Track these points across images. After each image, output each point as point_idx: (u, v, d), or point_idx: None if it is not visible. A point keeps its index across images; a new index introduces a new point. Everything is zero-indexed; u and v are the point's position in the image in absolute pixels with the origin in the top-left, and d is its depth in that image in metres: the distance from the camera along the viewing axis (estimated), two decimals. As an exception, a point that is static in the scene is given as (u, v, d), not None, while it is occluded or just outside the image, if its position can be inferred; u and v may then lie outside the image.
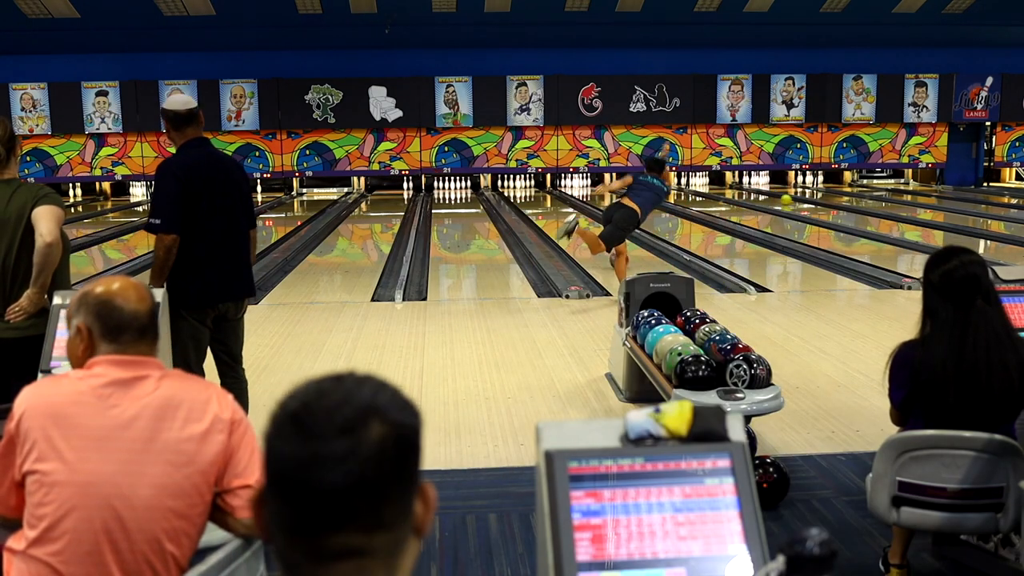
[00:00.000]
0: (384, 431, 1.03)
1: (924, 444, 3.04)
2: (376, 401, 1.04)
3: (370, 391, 1.06)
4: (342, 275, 10.75)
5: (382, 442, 1.02)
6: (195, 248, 4.21)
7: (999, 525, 3.00)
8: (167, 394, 2.13)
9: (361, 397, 1.04)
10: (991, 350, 3.02)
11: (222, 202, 4.31)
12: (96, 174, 20.45)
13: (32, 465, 2.05)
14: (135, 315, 2.17)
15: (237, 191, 4.42)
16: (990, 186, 22.13)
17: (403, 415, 1.06)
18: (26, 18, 18.88)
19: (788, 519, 3.92)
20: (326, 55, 20.06)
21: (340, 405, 1.03)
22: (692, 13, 19.95)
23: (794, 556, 1.25)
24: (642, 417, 1.72)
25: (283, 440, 1.04)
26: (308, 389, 1.07)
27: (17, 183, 3.93)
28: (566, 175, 22.20)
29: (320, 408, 1.03)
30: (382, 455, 1.02)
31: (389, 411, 1.04)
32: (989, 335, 3.04)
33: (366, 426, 1.02)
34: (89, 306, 2.18)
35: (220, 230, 4.30)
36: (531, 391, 5.80)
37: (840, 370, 6.10)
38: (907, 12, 20.30)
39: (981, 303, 3.04)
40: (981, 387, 3.03)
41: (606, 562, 1.61)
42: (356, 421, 1.02)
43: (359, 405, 1.03)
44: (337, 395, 1.04)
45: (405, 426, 1.05)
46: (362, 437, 1.01)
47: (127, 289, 2.21)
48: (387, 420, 1.03)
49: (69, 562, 2.01)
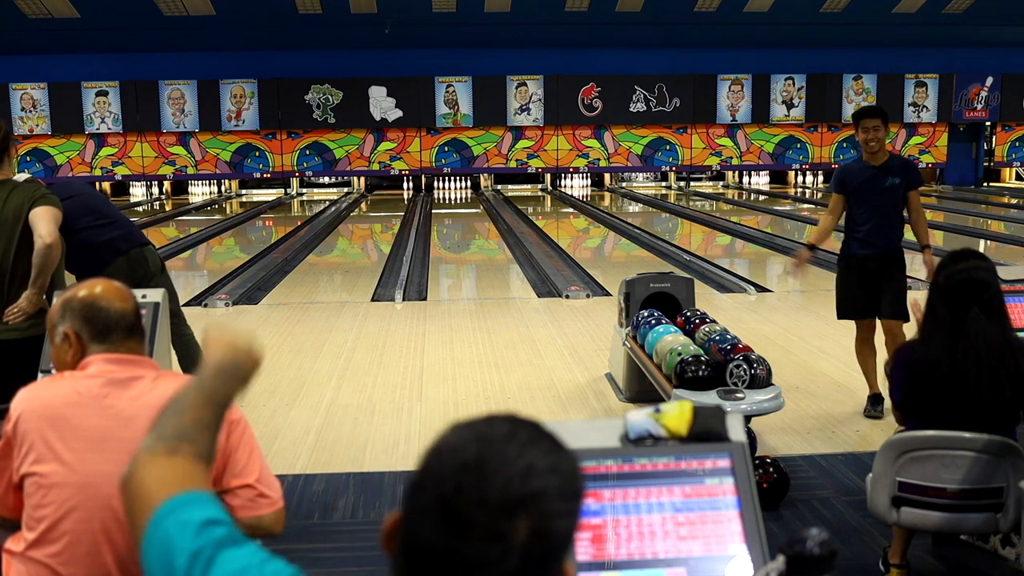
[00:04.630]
0: (534, 535, 0.94)
1: (924, 445, 3.03)
2: (540, 498, 0.95)
3: (538, 481, 0.96)
4: (342, 275, 10.75)
5: (529, 546, 0.94)
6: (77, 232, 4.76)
7: (999, 525, 3.00)
8: (164, 394, 2.11)
9: (524, 487, 0.95)
10: (981, 358, 3.01)
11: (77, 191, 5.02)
12: (96, 174, 20.42)
13: (30, 467, 2.05)
14: (122, 314, 2.18)
15: (80, 185, 5.29)
16: (990, 186, 22.13)
17: (560, 519, 0.97)
18: (26, 18, 18.87)
19: (788, 519, 3.92)
20: (326, 55, 20.05)
21: (494, 493, 0.94)
22: (692, 13, 19.94)
23: (794, 556, 1.25)
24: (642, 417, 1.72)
25: (423, 516, 0.96)
26: (467, 453, 0.97)
27: (13, 183, 3.92)
28: (566, 175, 22.20)
29: (473, 496, 0.94)
30: (528, 558, 0.94)
31: (548, 516, 0.95)
32: (980, 344, 3.02)
33: (517, 529, 0.94)
34: (75, 311, 2.17)
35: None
36: (531, 391, 5.80)
37: (840, 370, 6.10)
38: (907, 12, 20.29)
39: (976, 312, 3.03)
40: (969, 392, 3.03)
41: (606, 562, 1.61)
42: (507, 524, 0.94)
43: (517, 497, 0.94)
44: (496, 478, 0.95)
45: (560, 530, 0.97)
46: (511, 542, 0.94)
47: (109, 290, 2.21)
48: (542, 523, 0.95)
49: (68, 563, 2.01)
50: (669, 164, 21.48)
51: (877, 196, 5.26)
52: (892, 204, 5.28)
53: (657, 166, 21.54)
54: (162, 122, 20.09)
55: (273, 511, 2.15)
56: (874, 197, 5.27)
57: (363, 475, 4.44)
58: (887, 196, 5.26)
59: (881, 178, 5.27)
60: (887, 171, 5.27)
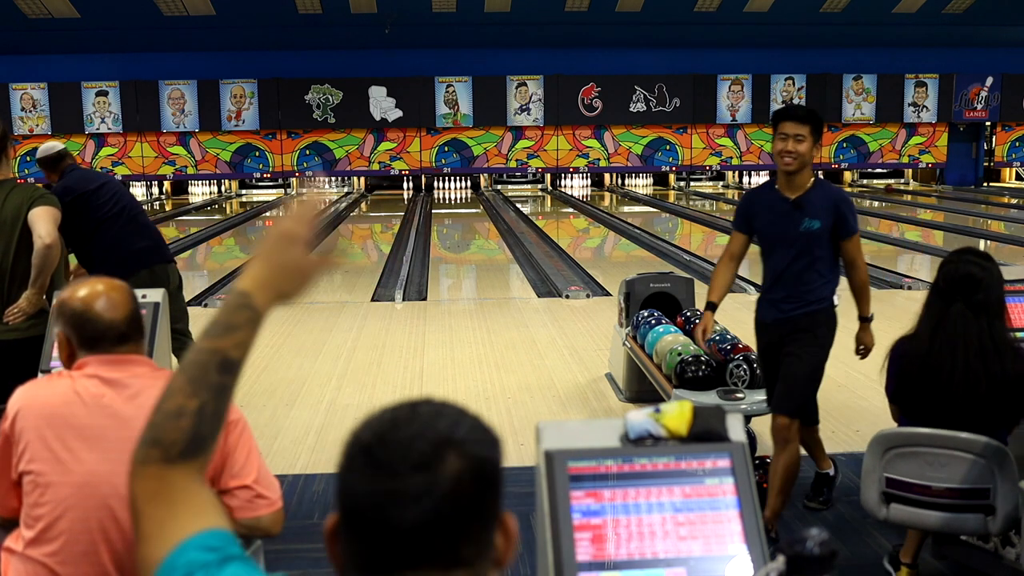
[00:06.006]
0: (462, 465, 0.97)
1: (907, 441, 3.04)
2: (454, 433, 0.99)
3: (447, 422, 1.00)
4: (342, 275, 10.75)
5: (459, 477, 0.97)
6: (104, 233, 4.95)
7: (988, 527, 2.99)
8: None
9: (438, 428, 0.99)
10: (957, 354, 3.02)
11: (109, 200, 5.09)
12: (96, 174, 20.44)
13: (27, 466, 2.05)
14: (111, 325, 2.15)
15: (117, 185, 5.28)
16: (990, 186, 22.12)
17: (482, 448, 1.00)
18: (26, 18, 18.87)
19: (788, 519, 3.92)
20: (326, 55, 20.05)
21: (415, 437, 0.98)
22: (692, 13, 19.94)
23: (794, 556, 1.25)
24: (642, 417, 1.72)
25: (356, 474, 0.99)
26: (382, 419, 1.02)
27: (12, 183, 3.92)
28: (566, 175, 22.20)
29: (395, 440, 0.98)
30: (459, 491, 0.97)
31: (467, 444, 0.99)
32: (957, 339, 3.03)
33: (443, 460, 0.97)
34: (66, 317, 2.17)
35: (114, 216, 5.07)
36: (531, 391, 5.80)
37: (840, 370, 6.09)
38: (907, 12, 20.29)
39: (961, 308, 3.04)
40: (942, 387, 3.04)
41: (606, 562, 1.61)
42: (432, 455, 0.97)
43: (435, 437, 0.98)
44: (413, 426, 0.99)
45: (484, 459, 1.00)
46: (439, 472, 0.96)
47: (101, 297, 2.17)
48: (465, 453, 0.98)
49: (66, 562, 2.00)
50: (669, 164, 21.47)
51: (788, 242, 3.73)
52: (808, 255, 3.70)
53: (657, 166, 21.54)
54: (162, 122, 20.09)
55: (271, 512, 2.15)
56: (784, 243, 3.74)
57: (363, 475, 4.44)
58: (802, 244, 3.70)
59: (794, 217, 3.70)
60: (804, 208, 3.69)
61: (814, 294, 3.72)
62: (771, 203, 3.80)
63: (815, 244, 3.68)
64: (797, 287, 3.73)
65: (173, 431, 1.20)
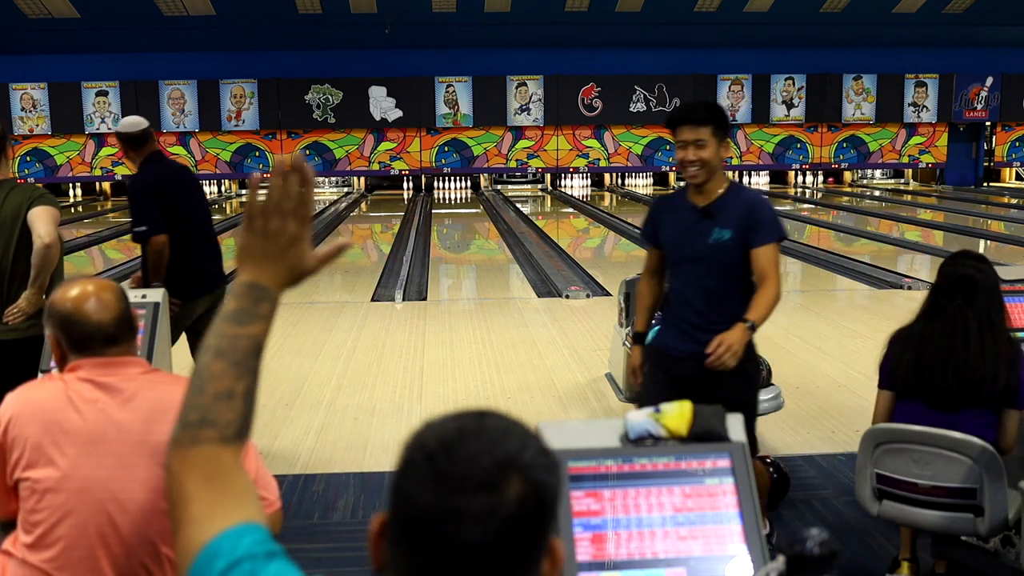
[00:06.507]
0: (525, 490, 0.96)
1: (893, 437, 3.06)
2: (521, 455, 0.98)
3: (516, 443, 0.99)
4: (342, 275, 10.74)
5: (522, 502, 0.96)
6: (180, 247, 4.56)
7: (977, 528, 2.98)
8: (156, 396, 2.11)
9: (506, 447, 0.98)
10: (955, 336, 3.08)
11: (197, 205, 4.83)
12: (96, 174, 20.45)
13: (23, 472, 2.03)
14: (99, 326, 2.13)
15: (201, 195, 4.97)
16: (990, 186, 22.13)
17: (545, 474, 0.99)
18: (26, 18, 18.87)
19: (788, 519, 3.92)
20: (326, 55, 20.05)
21: (482, 453, 0.97)
22: (692, 13, 19.95)
23: (794, 556, 1.25)
24: (642, 417, 1.72)
25: (418, 483, 0.97)
26: (447, 427, 1.00)
27: (11, 184, 3.92)
28: (566, 175, 22.20)
29: (461, 454, 0.97)
30: (521, 516, 0.96)
31: (532, 469, 0.98)
32: (953, 320, 3.10)
33: (507, 482, 0.95)
34: (54, 319, 2.15)
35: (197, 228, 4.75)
36: (531, 391, 5.80)
37: (840, 370, 6.10)
38: (907, 12, 20.29)
39: (960, 303, 3.11)
40: (934, 363, 3.10)
41: (606, 562, 1.61)
42: (499, 476, 0.96)
43: (503, 457, 0.97)
44: (480, 441, 0.98)
45: (546, 485, 0.99)
46: (503, 495, 0.95)
47: (90, 298, 2.14)
48: (529, 479, 0.97)
49: (64, 568, 1.99)
50: (669, 164, 21.48)
51: (696, 256, 3.26)
52: (720, 271, 3.24)
53: (657, 166, 21.54)
54: (162, 122, 20.08)
55: (270, 512, 2.15)
56: (692, 257, 3.27)
57: (363, 475, 4.44)
58: (713, 258, 3.23)
59: (703, 228, 3.23)
60: (714, 217, 3.22)
61: (732, 319, 3.12)
62: (678, 212, 3.32)
63: (728, 257, 3.20)
64: (710, 311, 3.23)
65: (227, 411, 1.21)
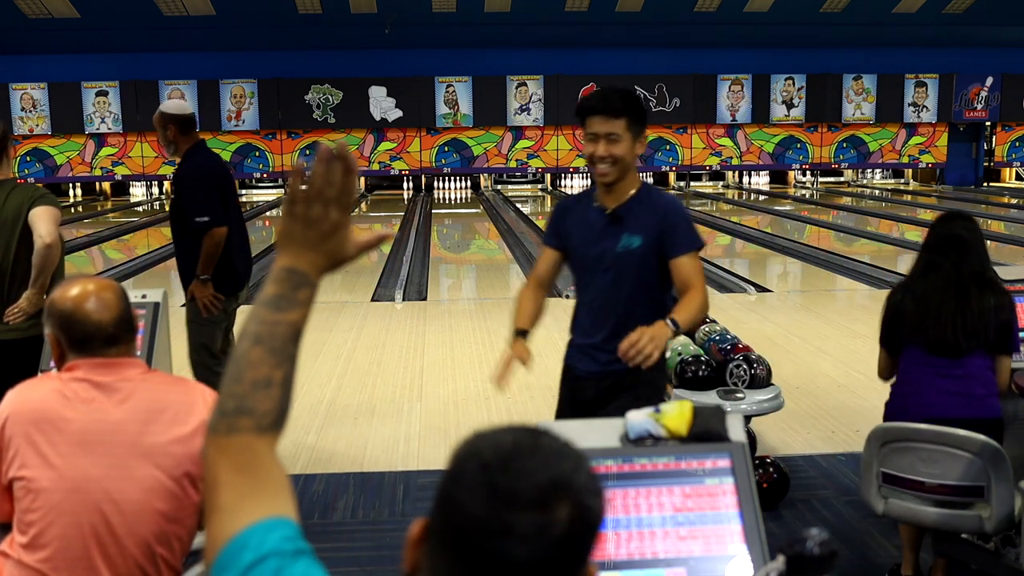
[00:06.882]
0: (574, 513, 0.97)
1: (901, 436, 3.06)
2: (574, 478, 0.98)
3: (570, 464, 0.99)
4: (342, 275, 10.74)
5: (571, 524, 0.96)
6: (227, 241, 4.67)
7: (983, 526, 2.98)
8: (152, 396, 2.11)
9: (562, 468, 0.98)
10: (948, 289, 3.23)
11: (236, 201, 4.88)
12: (96, 174, 20.44)
13: (17, 472, 2.03)
14: (99, 326, 2.12)
15: (235, 188, 4.92)
16: (990, 186, 22.12)
17: (593, 498, 1.00)
18: (26, 18, 18.87)
19: (788, 519, 3.92)
20: (326, 55, 20.05)
21: (537, 471, 0.97)
22: (692, 13, 19.94)
23: (794, 556, 1.25)
24: (642, 417, 1.72)
25: (469, 493, 0.97)
26: (502, 439, 1.00)
27: (12, 183, 3.92)
28: (566, 175, 22.20)
29: (517, 468, 0.97)
30: (569, 538, 0.96)
31: (583, 493, 0.98)
32: (947, 273, 3.24)
33: (559, 503, 0.96)
34: (54, 318, 2.15)
35: (236, 222, 4.79)
36: (531, 391, 5.80)
37: (840, 370, 6.10)
38: (907, 12, 20.29)
39: (954, 259, 3.24)
40: (928, 311, 3.24)
41: (606, 562, 1.61)
42: (551, 495, 0.96)
43: (558, 477, 0.97)
44: (536, 458, 0.98)
45: (594, 511, 1.00)
46: (554, 515, 0.96)
47: (90, 297, 2.14)
48: (579, 502, 0.98)
49: (59, 568, 1.99)
50: (669, 164, 21.48)
51: (604, 264, 2.92)
52: (629, 281, 2.90)
53: (657, 166, 21.54)
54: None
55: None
56: (599, 266, 2.94)
57: (363, 475, 4.45)
58: (621, 267, 2.90)
59: (611, 233, 2.90)
60: (623, 222, 2.89)
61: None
62: (585, 216, 2.97)
63: (638, 266, 2.87)
64: (618, 325, 2.84)
65: (265, 400, 1.18)
